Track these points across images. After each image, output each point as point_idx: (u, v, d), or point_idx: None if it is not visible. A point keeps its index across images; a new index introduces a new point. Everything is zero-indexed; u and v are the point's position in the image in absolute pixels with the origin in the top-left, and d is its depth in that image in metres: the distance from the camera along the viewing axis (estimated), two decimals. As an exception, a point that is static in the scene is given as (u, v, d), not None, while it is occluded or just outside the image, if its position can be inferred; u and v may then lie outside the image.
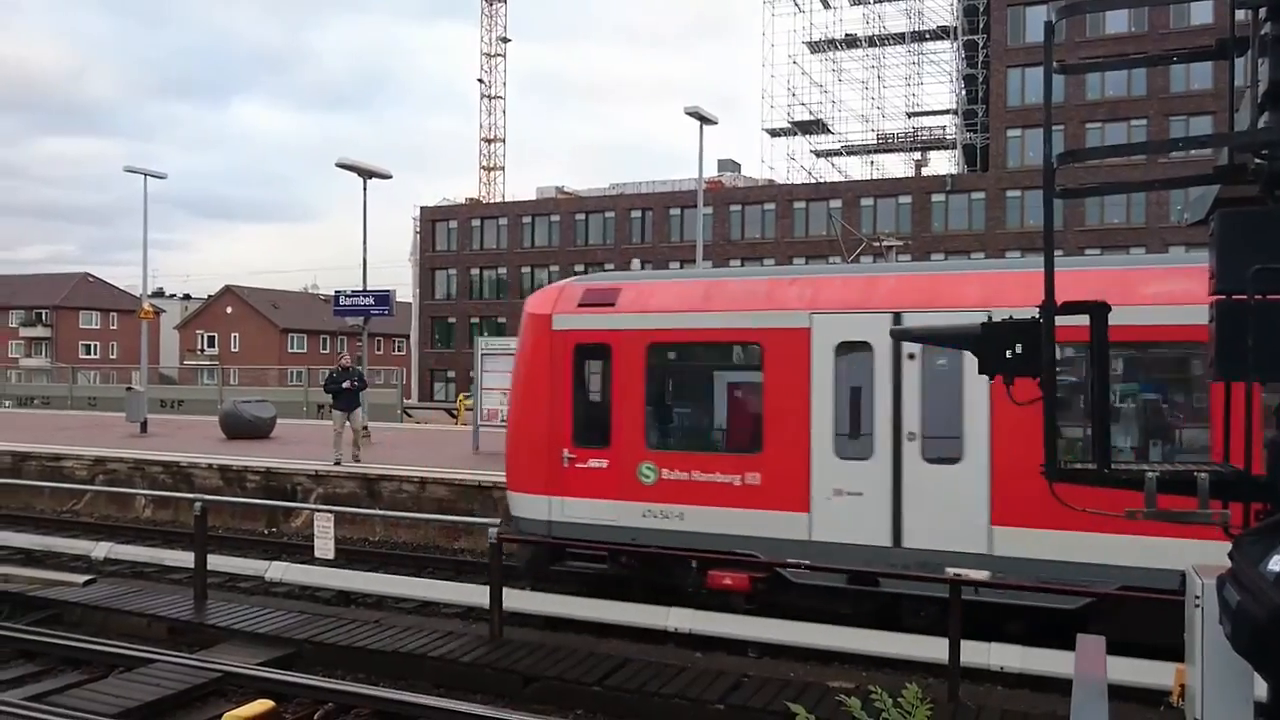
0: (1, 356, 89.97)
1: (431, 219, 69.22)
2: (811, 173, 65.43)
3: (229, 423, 22.71)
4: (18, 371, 60.53)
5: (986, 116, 56.73)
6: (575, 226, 64.74)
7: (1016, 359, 3.56)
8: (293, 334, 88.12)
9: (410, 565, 13.02)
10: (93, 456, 18.50)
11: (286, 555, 13.12)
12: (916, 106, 64.71)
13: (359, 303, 23.64)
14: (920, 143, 65.18)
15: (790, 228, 58.45)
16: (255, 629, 9.52)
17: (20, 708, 7.46)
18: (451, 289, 68.36)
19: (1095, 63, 8.88)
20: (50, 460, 18.78)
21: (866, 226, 52.86)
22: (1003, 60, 54.34)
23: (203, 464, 17.26)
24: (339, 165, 23.23)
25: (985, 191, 54.29)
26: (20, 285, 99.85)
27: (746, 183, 64.92)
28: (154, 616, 10.14)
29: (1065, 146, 17.67)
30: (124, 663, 8.66)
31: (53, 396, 41.83)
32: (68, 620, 10.55)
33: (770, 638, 9.40)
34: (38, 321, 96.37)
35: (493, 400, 19.26)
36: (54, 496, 17.73)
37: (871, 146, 65.30)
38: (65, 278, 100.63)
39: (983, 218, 54.08)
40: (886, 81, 63.97)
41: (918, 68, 63.81)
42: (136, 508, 17.10)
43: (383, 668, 8.80)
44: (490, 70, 79.76)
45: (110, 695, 7.85)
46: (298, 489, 16.24)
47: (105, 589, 11.02)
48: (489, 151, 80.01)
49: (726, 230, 59.45)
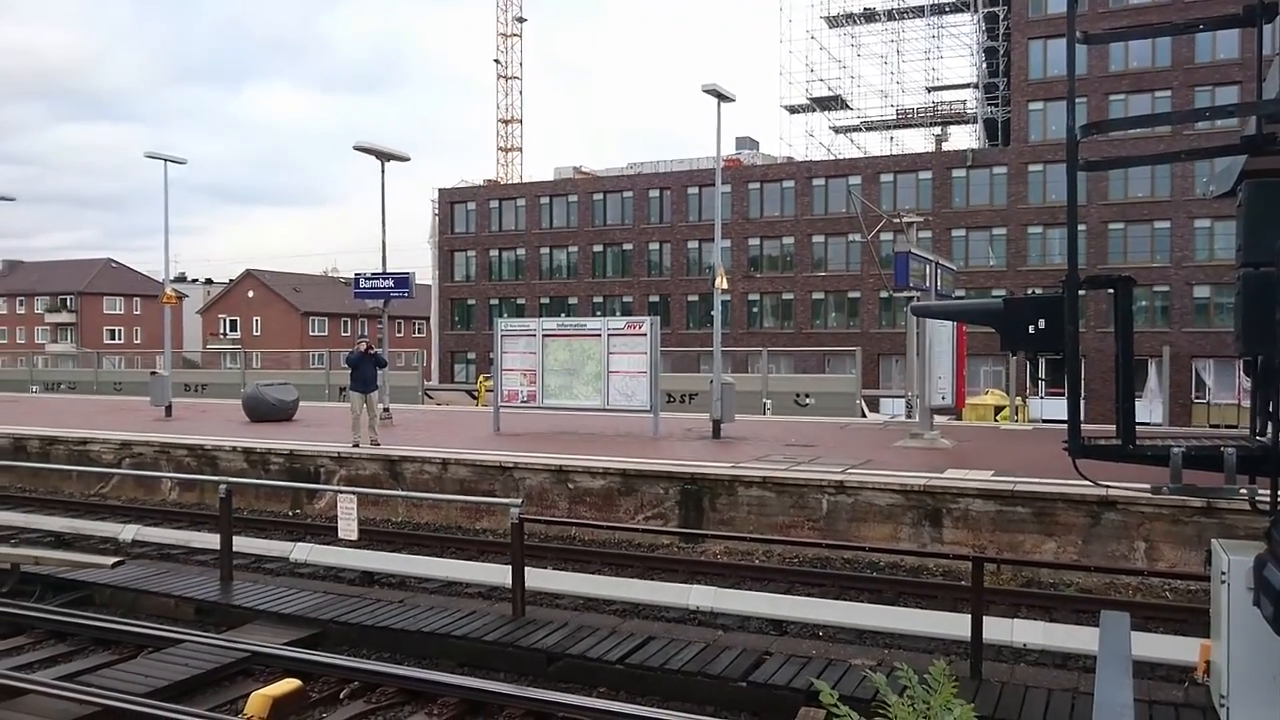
0: (28, 342, 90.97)
1: (450, 201, 69.25)
2: (830, 149, 64.98)
3: (252, 406, 22.88)
4: (44, 357, 61.20)
5: (1008, 90, 56.04)
6: (593, 207, 64.59)
7: (1040, 335, 3.52)
8: (314, 317, 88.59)
9: (433, 546, 13.10)
10: (119, 440, 18.70)
11: (311, 536, 13.24)
12: (936, 81, 64.00)
13: (379, 285, 23.70)
14: (940, 118, 64.46)
15: (810, 205, 58.09)
16: (281, 609, 9.62)
17: (53, 687, 7.58)
18: (470, 271, 68.45)
19: (1119, 32, 8.77)
20: (78, 444, 19.01)
21: (886, 203, 52.47)
22: (1024, 32, 53.61)
23: (227, 447, 17.42)
24: (357, 148, 23.23)
25: (1007, 166, 53.72)
26: (45, 272, 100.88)
27: (765, 160, 64.50)
28: (181, 597, 10.27)
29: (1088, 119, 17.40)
30: (153, 643, 8.77)
31: (79, 381, 42.32)
32: (97, 601, 10.70)
33: (790, 615, 9.42)
34: (62, 307, 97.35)
35: (513, 381, 19.31)
36: (82, 480, 17.96)
37: (891, 122, 64.68)
38: (89, 264, 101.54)
39: (1004, 193, 53.55)
40: (906, 56, 63.30)
41: (937, 41, 63.06)
42: (163, 490, 17.30)
43: (407, 647, 8.88)
44: (506, 51, 79.48)
45: (140, 675, 7.96)
46: (321, 471, 16.37)
47: (134, 570, 11.16)
48: (506, 133, 79.86)
49: (745, 208, 59.16)
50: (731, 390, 19.19)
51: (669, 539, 13.09)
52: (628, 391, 18.17)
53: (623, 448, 16.36)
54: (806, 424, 21.66)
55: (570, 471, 14.30)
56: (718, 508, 13.33)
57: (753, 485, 13.19)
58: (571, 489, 14.26)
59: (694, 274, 60.48)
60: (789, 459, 14.81)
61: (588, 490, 14.16)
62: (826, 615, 9.24)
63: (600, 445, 16.82)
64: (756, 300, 59.71)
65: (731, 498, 13.27)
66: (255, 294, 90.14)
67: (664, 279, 62.09)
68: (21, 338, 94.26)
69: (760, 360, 30.41)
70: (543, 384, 18.79)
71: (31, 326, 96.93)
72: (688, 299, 61.12)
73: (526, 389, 19.11)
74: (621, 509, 13.91)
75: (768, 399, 26.53)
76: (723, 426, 18.55)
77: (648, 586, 10.40)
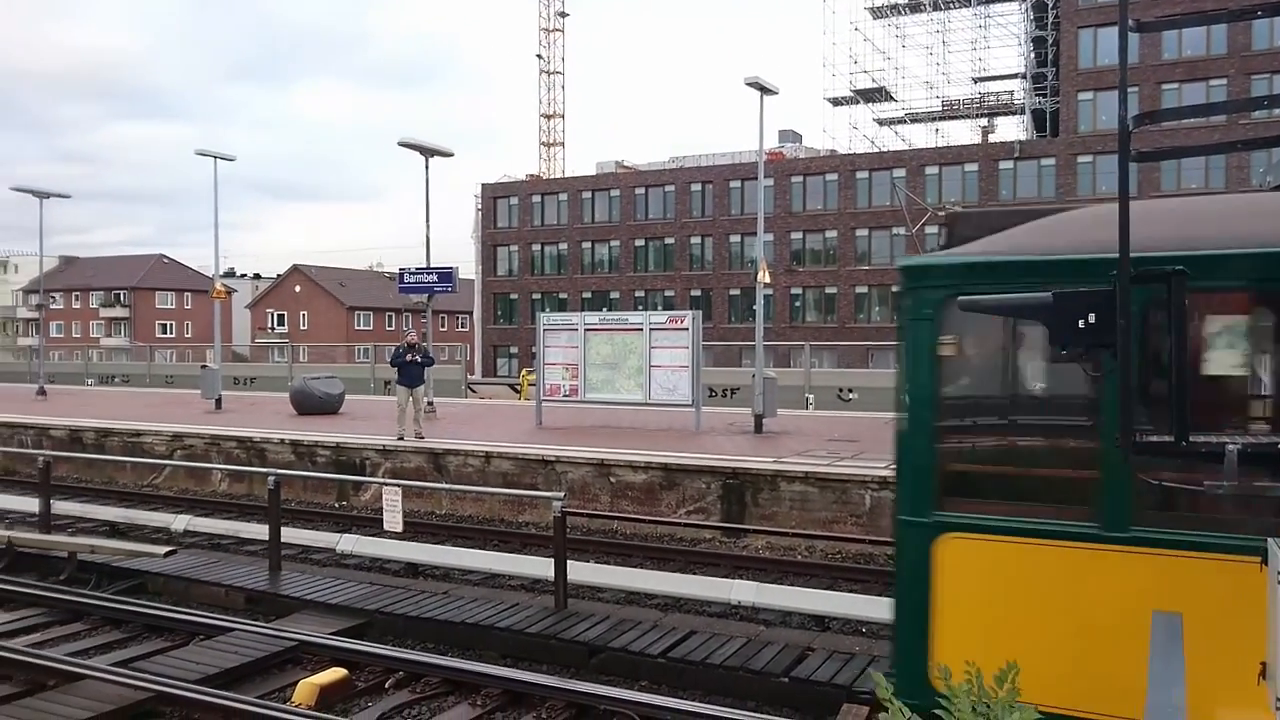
0: (84, 336, 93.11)
1: (492, 196, 69.65)
2: (874, 142, 64.35)
3: (299, 399, 23.22)
4: (99, 350, 62.63)
5: (1056, 80, 55.09)
6: (635, 201, 64.61)
7: (1090, 330, 3.46)
8: (359, 311, 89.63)
9: (476, 538, 13.21)
10: (171, 432, 19.08)
11: (357, 528, 13.42)
12: (983, 71, 63.11)
13: (423, 280, 23.92)
14: (987, 109, 63.58)
15: (853, 198, 57.61)
16: (328, 599, 9.77)
17: (109, 672, 7.77)
18: (513, 265, 68.83)
19: (1173, 20, 8.55)
20: (131, 436, 19.43)
21: (931, 196, 51.87)
22: (1074, 21, 52.64)
23: (275, 439, 17.70)
24: (401, 144, 23.44)
25: (1055, 157, 52.81)
26: (100, 267, 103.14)
27: (808, 153, 64.06)
28: (231, 586, 10.46)
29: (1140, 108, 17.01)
30: (204, 631, 8.95)
31: (132, 374, 43.24)
32: (150, 590, 10.95)
33: (832, 611, 9.37)
34: (116, 302, 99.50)
35: (555, 375, 19.39)
36: (135, 471, 18.36)
37: (936, 114, 63.92)
38: (141, 259, 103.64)
39: (1053, 184, 52.67)
40: (952, 46, 62.48)
41: (984, 31, 62.17)
42: (213, 481, 17.63)
43: (451, 638, 8.97)
44: (548, 46, 79.70)
45: (192, 662, 8.13)
46: (366, 463, 16.58)
47: (185, 560, 11.39)
48: (548, 127, 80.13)
49: (788, 202, 58.82)
50: (774, 385, 19.11)
51: (711, 533, 13.09)
52: (669, 386, 18.17)
53: (664, 442, 16.36)
54: (850, 419, 21.51)
55: (612, 465, 14.34)
56: (760, 502, 13.29)
57: (795, 480, 13.14)
58: (613, 483, 14.30)
59: (736, 268, 60.27)
60: (831, 454, 14.72)
61: (629, 484, 14.20)
62: (869, 611, 9.18)
63: (641, 439, 16.84)
64: (799, 294, 59.37)
65: (774, 492, 13.23)
66: (302, 289, 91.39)
67: (706, 273, 61.95)
68: (77, 332, 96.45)
69: (803, 355, 30.24)
70: (585, 378, 18.85)
71: (87, 321, 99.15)
72: (730, 293, 60.93)
73: (568, 383, 19.18)
74: (663, 503, 13.93)
75: (810, 394, 26.38)
76: (765, 421, 18.48)
77: (690, 581, 10.40)
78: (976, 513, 4.64)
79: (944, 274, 4.82)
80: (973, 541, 4.57)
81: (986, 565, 4.58)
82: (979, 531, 4.55)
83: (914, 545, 4.76)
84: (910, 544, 4.81)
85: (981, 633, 4.62)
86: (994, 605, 4.62)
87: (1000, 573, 4.58)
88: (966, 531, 4.59)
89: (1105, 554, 4.28)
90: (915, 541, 4.75)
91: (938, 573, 4.65)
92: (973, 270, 4.78)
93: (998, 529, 4.51)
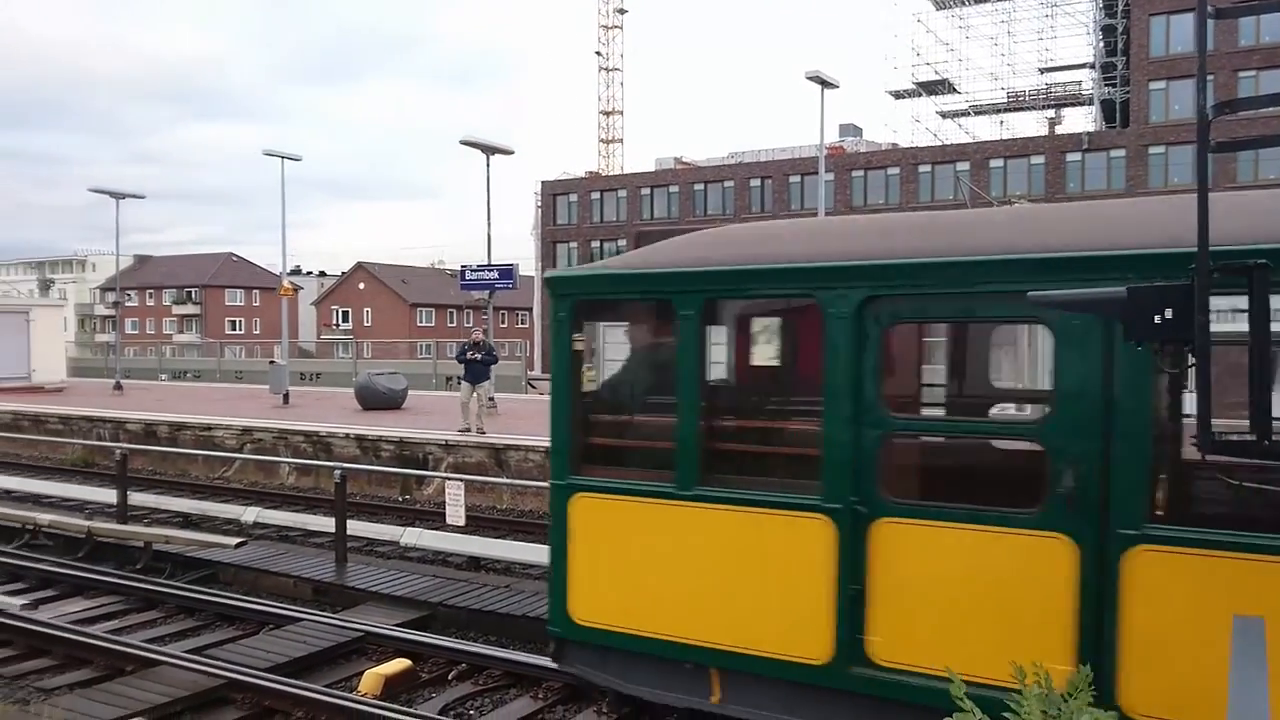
0: (157, 333, 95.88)
1: (552, 193, 70.10)
2: (937, 135, 63.38)
3: (364, 394, 23.63)
4: (171, 347, 64.44)
5: (1127, 69, 53.63)
6: (694, 196, 64.49)
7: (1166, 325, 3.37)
8: (421, 308, 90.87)
9: (536, 532, 13.31)
10: (241, 426, 19.56)
11: (420, 521, 13.61)
12: (1050, 62, 61.67)
13: (484, 277, 24.17)
14: (1054, 100, 62.14)
15: (915, 192, 56.79)
16: (392, 591, 9.92)
17: (184, 659, 8.00)
18: (572, 262, 69.16)
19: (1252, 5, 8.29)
20: (203, 430, 19.95)
21: (996, 189, 50.94)
22: (1145, 8, 51.20)
23: (340, 434, 18.03)
24: (463, 143, 23.71)
25: (1125, 149, 51.47)
26: (172, 266, 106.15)
27: (869, 147, 63.32)
28: (300, 578, 10.69)
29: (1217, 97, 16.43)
30: (274, 620, 9.17)
31: (202, 370, 44.39)
32: (222, 579, 11.25)
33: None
34: (188, 300, 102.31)
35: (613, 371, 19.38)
36: (207, 464, 18.86)
37: (1001, 106, 62.64)
38: (212, 258, 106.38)
39: (1122, 176, 51.33)
40: (1017, 37, 61.18)
41: (1051, 20, 60.76)
42: (281, 475, 18.02)
43: (512, 631, 9.05)
44: (607, 43, 79.89)
45: (262, 650, 8.34)
46: (429, 458, 16.80)
47: (255, 551, 11.67)
48: (607, 124, 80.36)
49: (849, 196, 58.20)
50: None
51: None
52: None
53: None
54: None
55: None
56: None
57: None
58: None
59: (795, 263, 59.73)
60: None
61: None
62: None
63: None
64: (860, 290, 58.69)
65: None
66: (366, 286, 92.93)
67: (765, 269, 61.54)
68: (151, 328, 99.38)
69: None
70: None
71: (160, 318, 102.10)
72: (789, 289, 60.46)
73: (628, 379, 19.19)
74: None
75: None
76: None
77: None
78: (599, 476, 5.62)
79: (572, 284, 5.90)
80: (595, 499, 5.57)
81: (604, 518, 5.56)
82: (599, 492, 5.56)
83: (558, 502, 5.74)
84: (556, 501, 5.78)
85: (606, 573, 5.56)
86: (611, 550, 5.57)
87: (613, 523, 5.56)
88: (592, 492, 5.58)
89: (677, 508, 5.27)
90: (559, 499, 5.74)
91: (572, 525, 5.66)
92: (591, 280, 5.91)
93: (611, 489, 5.53)
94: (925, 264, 4.65)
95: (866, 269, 4.76)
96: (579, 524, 5.63)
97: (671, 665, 5.36)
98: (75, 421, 22.27)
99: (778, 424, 5.64)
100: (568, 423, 5.74)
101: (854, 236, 5.30)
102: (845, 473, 4.73)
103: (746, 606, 5.00)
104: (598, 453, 5.85)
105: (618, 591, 5.45)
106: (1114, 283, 3.60)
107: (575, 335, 5.73)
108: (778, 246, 5.26)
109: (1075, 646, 4.15)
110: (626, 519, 5.46)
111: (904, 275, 4.70)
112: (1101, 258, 4.34)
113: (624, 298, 5.88)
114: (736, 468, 5.49)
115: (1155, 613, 4.08)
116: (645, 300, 5.82)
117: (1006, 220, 5.31)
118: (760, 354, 6.13)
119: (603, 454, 5.87)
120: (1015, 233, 4.83)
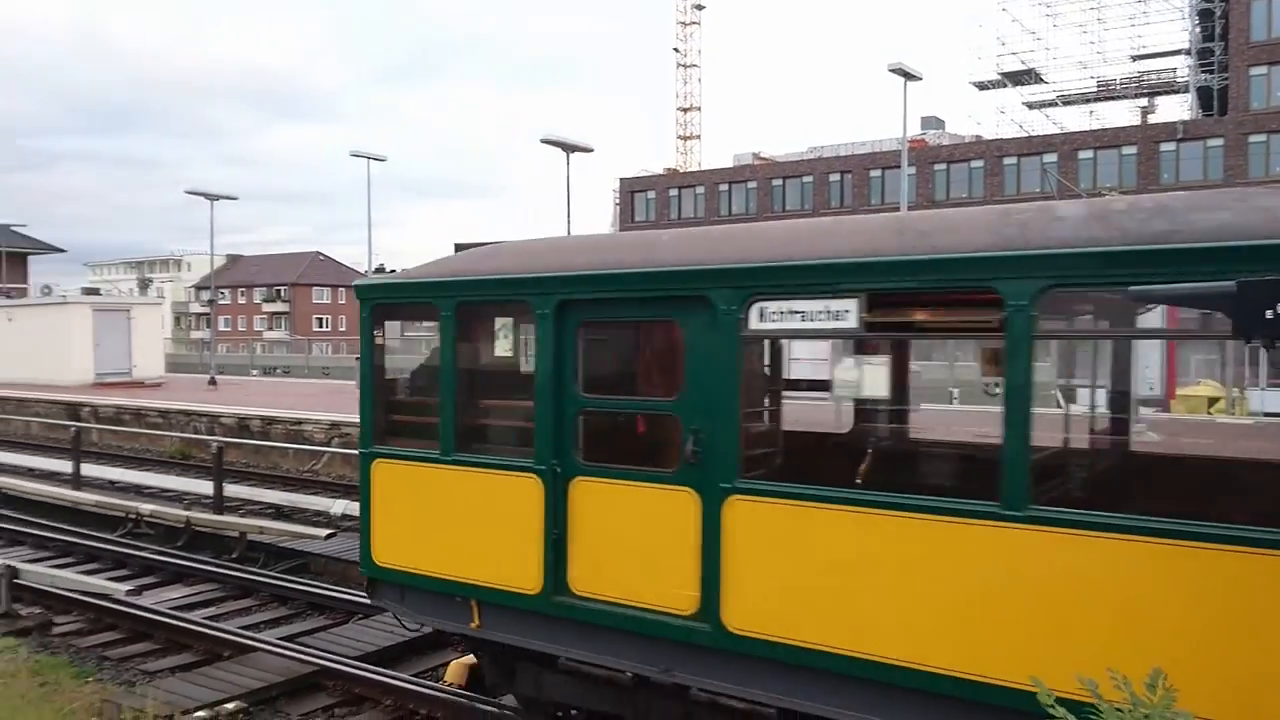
0: (248, 330, 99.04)
1: (630, 190, 70.30)
2: (1023, 126, 61.71)
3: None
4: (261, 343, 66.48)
5: (1225, 54, 51.51)
6: (772, 192, 64.02)
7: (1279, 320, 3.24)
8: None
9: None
10: (329, 421, 20.06)
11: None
12: (1142, 49, 59.52)
13: (563, 274, 24.35)
14: (1147, 88, 59.97)
15: (1000, 185, 55.45)
16: (476, 584, 10.07)
17: (278, 646, 8.27)
18: (650, 259, 69.23)
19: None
20: (293, 424, 20.53)
21: (1085, 181, 49.41)
22: (1246, -10, 49.13)
23: (424, 429, 18.34)
24: (543, 141, 23.95)
25: (1223, 137, 49.45)
26: (262, 265, 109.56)
27: (952, 140, 62.03)
28: (386, 569, 10.92)
29: (1324, 83, 15.52)
30: (362, 610, 9.40)
31: (291, 366, 45.74)
32: (312, 570, 11.58)
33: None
34: (277, 298, 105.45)
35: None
36: (297, 457, 19.40)
37: (1091, 95, 60.75)
38: (300, 256, 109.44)
39: (1220, 166, 49.35)
40: (1108, 23, 59.19)
41: (1144, 6, 58.59)
42: (367, 468, 18.42)
43: (594, 625, 9.11)
44: (685, 39, 79.83)
45: (351, 639, 8.58)
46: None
47: (344, 543, 11.94)
48: (685, 120, 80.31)
49: (931, 190, 57.12)
50: (917, 378, 18.59)
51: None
52: (808, 378, 17.91)
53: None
54: (997, 414, 20.68)
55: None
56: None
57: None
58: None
59: (876, 259, 58.85)
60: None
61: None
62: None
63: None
64: (942, 286, 57.56)
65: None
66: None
67: (844, 265, 60.76)
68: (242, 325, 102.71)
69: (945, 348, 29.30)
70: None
71: (250, 315, 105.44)
72: (869, 285, 59.59)
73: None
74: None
75: (955, 388, 25.58)
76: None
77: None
78: (390, 445, 6.79)
79: (370, 291, 6.89)
80: (388, 464, 6.73)
81: (393, 479, 6.70)
82: (390, 458, 6.72)
83: (364, 467, 6.86)
84: (363, 466, 6.88)
85: (397, 523, 6.69)
86: (399, 504, 6.69)
87: (399, 483, 6.68)
88: (385, 458, 6.75)
89: (441, 470, 6.41)
90: (364, 464, 6.86)
91: (373, 485, 6.81)
92: (383, 288, 6.89)
93: (397, 455, 6.69)
94: (597, 275, 5.80)
95: (560, 279, 5.90)
96: (378, 484, 6.81)
97: (445, 599, 6.49)
98: (173, 415, 23.13)
99: (512, 402, 6.68)
100: (370, 403, 6.91)
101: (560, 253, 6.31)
102: (548, 440, 5.88)
103: (490, 549, 6.17)
104: (392, 427, 7.02)
105: (406, 539, 6.64)
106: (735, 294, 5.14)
107: (375, 332, 6.87)
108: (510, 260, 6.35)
109: (700, 577, 5.27)
110: (408, 479, 6.64)
111: (585, 284, 5.85)
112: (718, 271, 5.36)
113: (405, 302, 7.07)
114: (485, 438, 6.71)
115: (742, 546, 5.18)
116: (418, 305, 7.12)
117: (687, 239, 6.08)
118: (500, 347, 7.52)
119: (394, 428, 7.02)
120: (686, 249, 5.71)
